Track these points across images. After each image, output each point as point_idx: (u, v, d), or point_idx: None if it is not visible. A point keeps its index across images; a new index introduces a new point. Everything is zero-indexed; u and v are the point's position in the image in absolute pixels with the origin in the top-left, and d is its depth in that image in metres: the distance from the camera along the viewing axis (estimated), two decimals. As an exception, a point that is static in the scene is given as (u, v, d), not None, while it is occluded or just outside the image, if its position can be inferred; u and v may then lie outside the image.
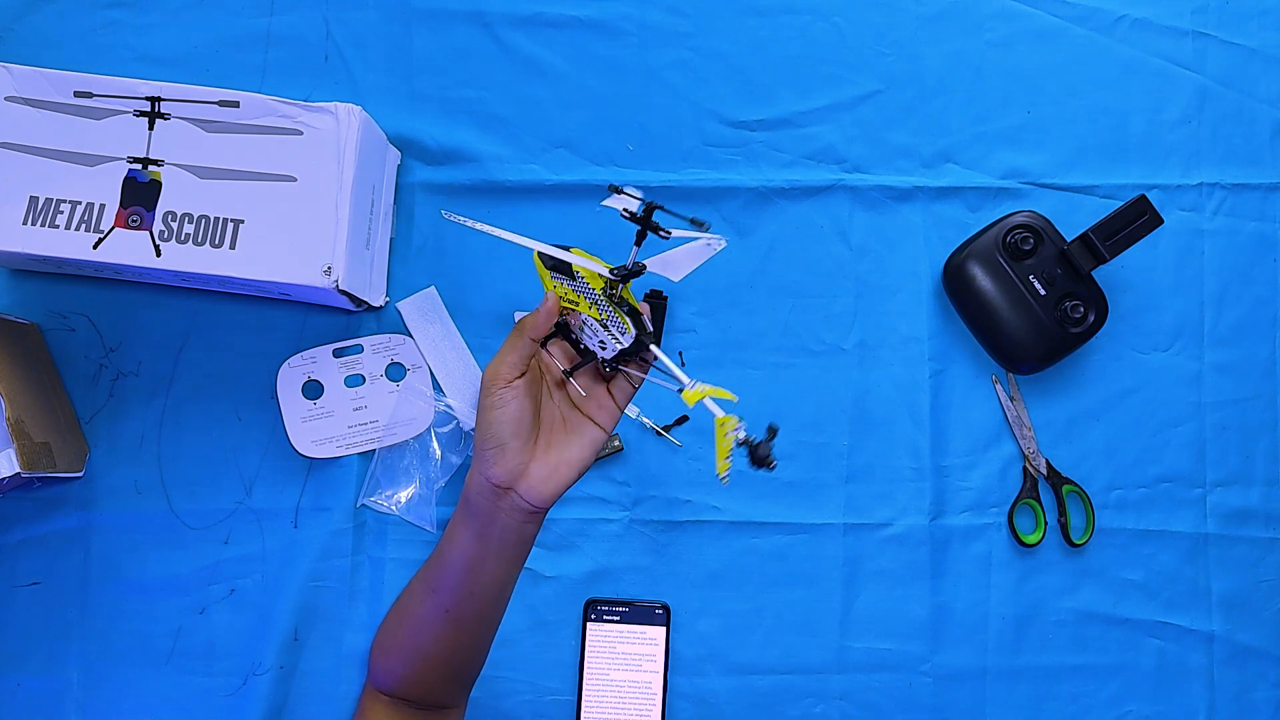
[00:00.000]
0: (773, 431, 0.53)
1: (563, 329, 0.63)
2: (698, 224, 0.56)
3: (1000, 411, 0.88)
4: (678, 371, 0.57)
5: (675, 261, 0.60)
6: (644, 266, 0.58)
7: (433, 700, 0.73)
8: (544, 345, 0.63)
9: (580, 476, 0.61)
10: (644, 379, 0.63)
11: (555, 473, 0.60)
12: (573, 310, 0.61)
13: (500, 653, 0.82)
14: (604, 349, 0.60)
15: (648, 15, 0.90)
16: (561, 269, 0.59)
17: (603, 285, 0.58)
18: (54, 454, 0.78)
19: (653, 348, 0.59)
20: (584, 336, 0.62)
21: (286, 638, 0.83)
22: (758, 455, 0.52)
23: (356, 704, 0.78)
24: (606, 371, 0.62)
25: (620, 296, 0.59)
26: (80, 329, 0.85)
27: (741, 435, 0.52)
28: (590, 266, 0.58)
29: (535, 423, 0.61)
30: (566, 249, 0.59)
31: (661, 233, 0.56)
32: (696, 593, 0.85)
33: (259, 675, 0.82)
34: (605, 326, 0.59)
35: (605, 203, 0.58)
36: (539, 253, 0.60)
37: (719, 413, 0.53)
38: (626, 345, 0.59)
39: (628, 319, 0.58)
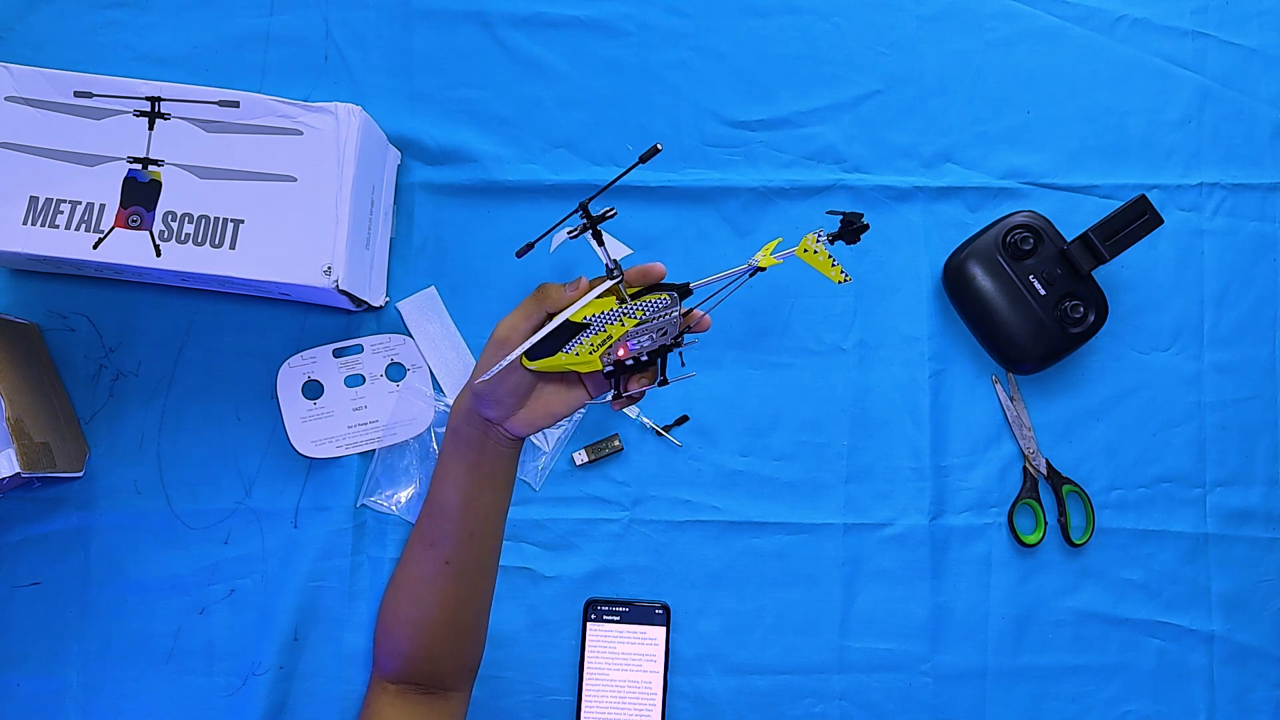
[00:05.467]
0: (849, 220, 0.58)
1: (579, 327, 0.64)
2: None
3: (1000, 411, 0.88)
4: (728, 272, 0.62)
5: None
6: (617, 263, 0.61)
7: (440, 679, 0.73)
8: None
9: (553, 425, 0.68)
10: (648, 388, 0.64)
11: (538, 419, 0.65)
12: (610, 338, 0.62)
13: (500, 653, 0.82)
14: (656, 340, 0.62)
15: (648, 15, 0.90)
16: (568, 330, 0.61)
17: (613, 301, 0.61)
18: (54, 454, 0.78)
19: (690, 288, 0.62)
20: (634, 346, 0.62)
21: (286, 638, 0.83)
22: (853, 228, 0.58)
23: (362, 702, 0.78)
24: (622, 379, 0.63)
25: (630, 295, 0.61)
26: (80, 329, 0.85)
27: (825, 235, 0.58)
28: (590, 297, 0.60)
29: (533, 387, 0.64)
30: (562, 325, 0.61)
31: (609, 213, 0.60)
32: (696, 593, 0.85)
33: (259, 675, 0.82)
34: (644, 326, 0.61)
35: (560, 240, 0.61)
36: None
37: (795, 248, 0.59)
38: (674, 325, 0.61)
39: (658, 294, 0.61)
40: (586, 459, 0.85)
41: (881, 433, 0.87)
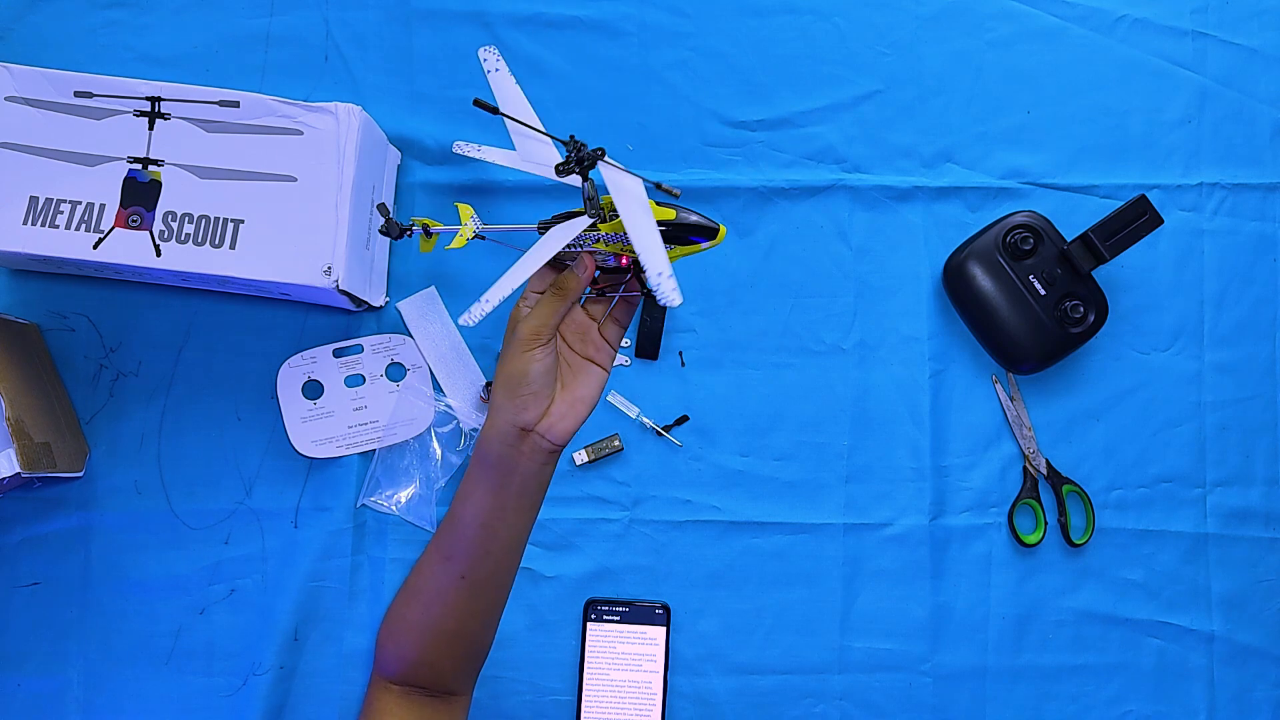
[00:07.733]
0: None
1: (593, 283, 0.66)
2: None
3: (1000, 411, 0.88)
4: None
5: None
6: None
7: (443, 683, 0.73)
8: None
9: (590, 413, 0.66)
10: (638, 301, 0.67)
11: (572, 410, 0.64)
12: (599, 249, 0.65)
13: (500, 653, 0.82)
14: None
15: (648, 15, 0.90)
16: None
17: (594, 218, 0.64)
18: (54, 454, 0.78)
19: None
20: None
21: (286, 638, 0.83)
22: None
23: (363, 701, 0.78)
24: (606, 296, 0.66)
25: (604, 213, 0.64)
26: (80, 329, 0.85)
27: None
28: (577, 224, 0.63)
29: (556, 372, 0.65)
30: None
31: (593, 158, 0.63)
32: (696, 593, 0.85)
33: (259, 675, 0.82)
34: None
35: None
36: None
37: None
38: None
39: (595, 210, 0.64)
40: (586, 459, 0.85)
41: (881, 433, 0.87)
